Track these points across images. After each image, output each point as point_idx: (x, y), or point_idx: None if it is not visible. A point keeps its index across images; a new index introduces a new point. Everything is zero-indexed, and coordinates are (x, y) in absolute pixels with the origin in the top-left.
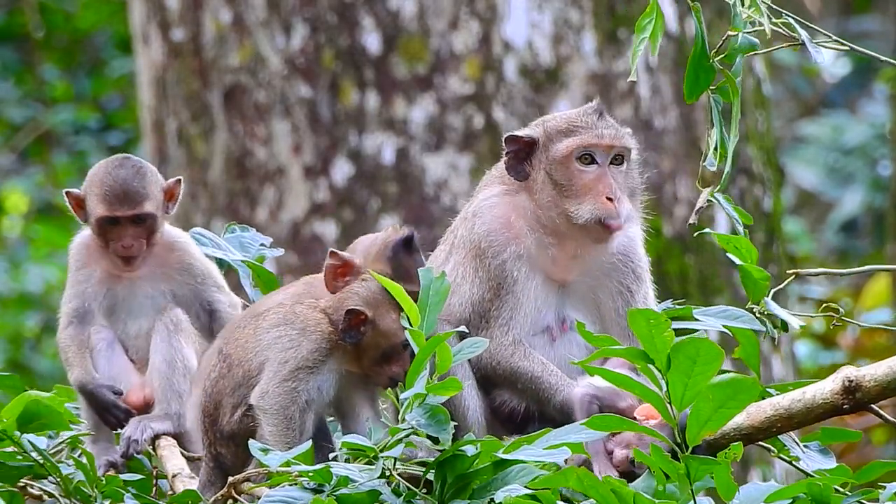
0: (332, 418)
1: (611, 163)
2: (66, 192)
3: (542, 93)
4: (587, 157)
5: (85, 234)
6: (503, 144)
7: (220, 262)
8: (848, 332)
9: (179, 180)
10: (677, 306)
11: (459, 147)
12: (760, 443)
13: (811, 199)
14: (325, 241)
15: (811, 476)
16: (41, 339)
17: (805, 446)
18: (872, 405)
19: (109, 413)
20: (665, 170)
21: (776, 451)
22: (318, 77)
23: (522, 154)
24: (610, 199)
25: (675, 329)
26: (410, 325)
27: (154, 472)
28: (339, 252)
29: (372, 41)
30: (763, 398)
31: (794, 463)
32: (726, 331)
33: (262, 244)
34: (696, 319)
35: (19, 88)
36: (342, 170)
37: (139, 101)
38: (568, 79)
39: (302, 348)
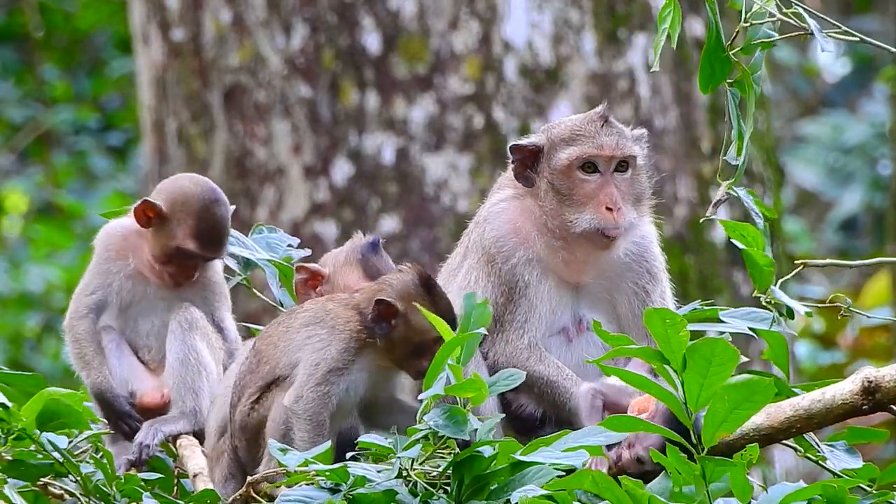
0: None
1: (615, 170)
2: (146, 201)
3: (542, 93)
4: (589, 167)
5: (124, 223)
6: (508, 153)
7: (248, 262)
8: (847, 332)
9: (234, 208)
10: (704, 307)
11: (459, 147)
12: (787, 443)
13: (811, 199)
14: (326, 240)
15: (837, 475)
16: (41, 339)
17: (830, 445)
18: (892, 406)
19: (123, 422)
20: (665, 169)
21: (802, 450)
22: (318, 77)
23: (528, 161)
24: (610, 210)
25: (699, 330)
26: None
27: (175, 472)
28: (307, 265)
29: (372, 41)
30: (788, 397)
31: (820, 462)
32: (752, 333)
33: (289, 244)
34: (722, 321)
35: (19, 88)
36: (342, 170)
37: (139, 101)
38: (568, 79)
39: (332, 349)
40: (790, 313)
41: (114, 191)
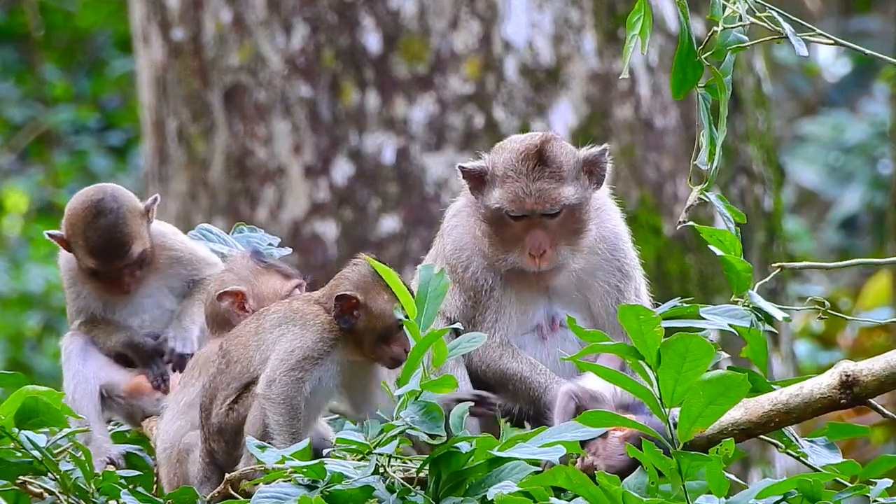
0: (336, 416)
1: (542, 214)
2: (49, 235)
3: (542, 92)
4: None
5: (69, 254)
6: (458, 173)
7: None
8: (847, 331)
9: (156, 198)
10: (684, 304)
11: (460, 147)
12: (767, 438)
13: (811, 198)
14: (326, 240)
15: (819, 471)
16: (42, 338)
17: (811, 442)
18: (870, 400)
19: (153, 361)
20: (665, 169)
21: (783, 446)
22: (319, 77)
23: (476, 182)
24: (533, 255)
25: (680, 327)
26: (406, 316)
27: (155, 468)
28: (227, 289)
29: (372, 41)
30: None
31: (801, 458)
32: (732, 330)
33: (269, 244)
34: (702, 318)
35: (19, 88)
36: (342, 169)
37: (139, 100)
38: (568, 78)
39: (306, 339)
40: (768, 318)
41: None
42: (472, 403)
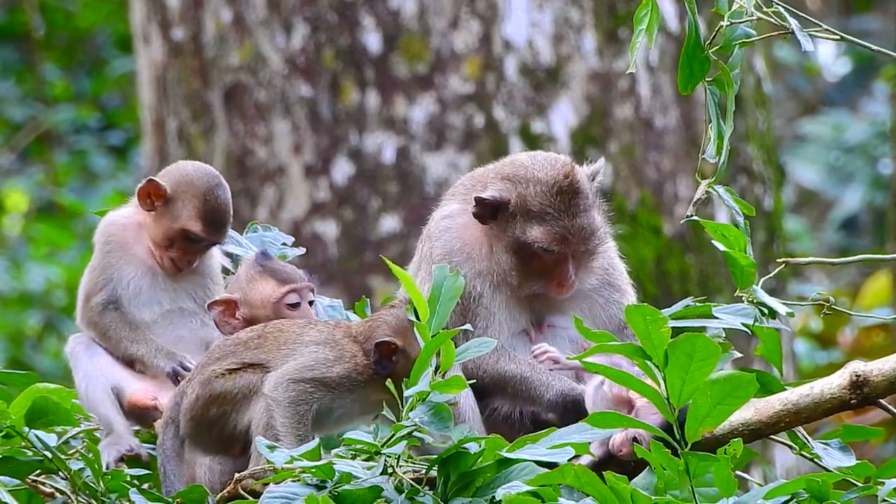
0: None
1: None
2: (151, 180)
3: (542, 92)
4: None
5: (122, 214)
6: (474, 203)
7: None
8: (846, 331)
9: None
10: (696, 303)
11: (460, 146)
12: (779, 440)
13: (812, 198)
14: (326, 240)
15: (829, 472)
16: (42, 337)
17: (824, 443)
18: (880, 400)
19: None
20: (665, 169)
21: (798, 448)
22: (319, 76)
23: (491, 210)
24: (561, 285)
25: (684, 327)
26: (418, 318)
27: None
28: (217, 298)
29: (372, 40)
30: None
31: (815, 460)
32: (745, 329)
33: (283, 243)
34: (715, 317)
35: (19, 87)
36: (343, 169)
37: (139, 100)
38: (568, 78)
39: (333, 371)
40: (772, 313)
41: (114, 190)
42: None
